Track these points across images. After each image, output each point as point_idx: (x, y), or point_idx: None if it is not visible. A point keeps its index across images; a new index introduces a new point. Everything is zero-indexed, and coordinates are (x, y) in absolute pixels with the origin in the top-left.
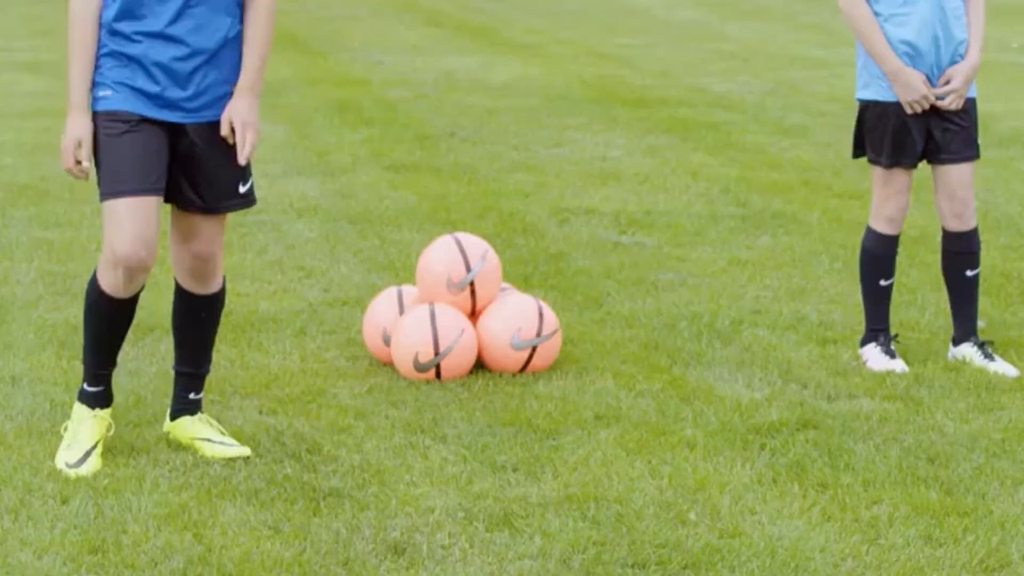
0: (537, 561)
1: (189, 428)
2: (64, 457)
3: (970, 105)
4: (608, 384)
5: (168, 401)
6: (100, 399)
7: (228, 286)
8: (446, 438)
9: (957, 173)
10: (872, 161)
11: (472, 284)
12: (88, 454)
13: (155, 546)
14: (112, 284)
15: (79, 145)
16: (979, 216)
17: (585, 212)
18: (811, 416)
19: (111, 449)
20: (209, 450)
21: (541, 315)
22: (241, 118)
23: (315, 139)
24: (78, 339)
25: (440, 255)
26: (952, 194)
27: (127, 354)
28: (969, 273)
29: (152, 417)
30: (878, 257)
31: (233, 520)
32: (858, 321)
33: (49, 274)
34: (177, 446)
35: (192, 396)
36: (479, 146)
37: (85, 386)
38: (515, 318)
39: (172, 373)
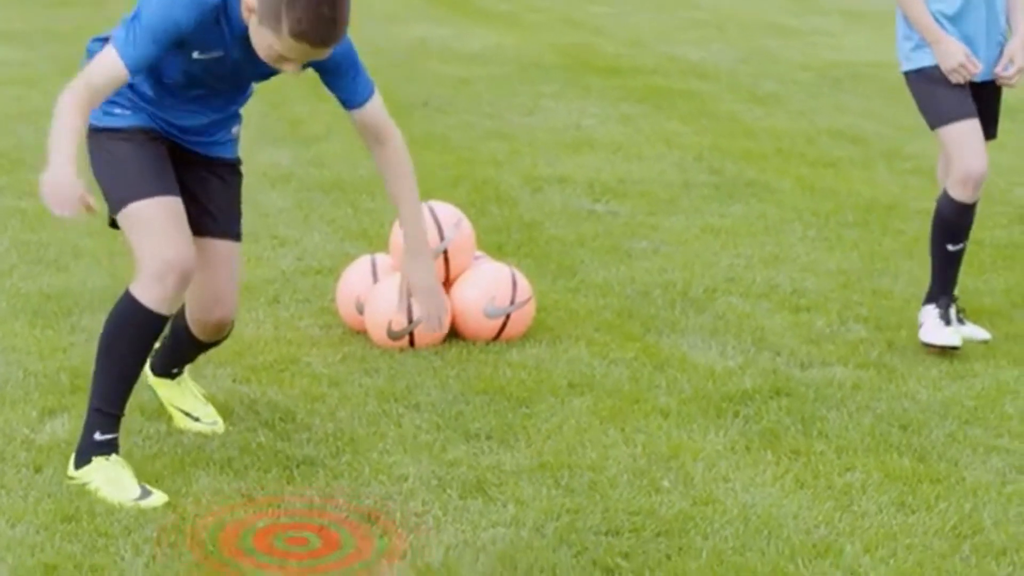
0: (510, 529)
1: (170, 392)
2: (128, 496)
3: (997, 90)
4: (581, 352)
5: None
6: (115, 444)
7: None
8: (419, 406)
9: None
10: (939, 124)
11: (445, 252)
12: (144, 488)
13: (128, 515)
14: (159, 297)
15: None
16: None
17: (559, 180)
18: (784, 384)
19: (83, 417)
20: (183, 423)
21: (514, 283)
22: (426, 283)
23: (288, 108)
24: (52, 307)
25: None
26: None
27: (101, 323)
28: (951, 247)
29: None
30: (951, 223)
31: (206, 489)
32: (830, 288)
33: (23, 243)
34: (151, 415)
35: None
36: (452, 115)
37: (97, 435)
38: (488, 286)
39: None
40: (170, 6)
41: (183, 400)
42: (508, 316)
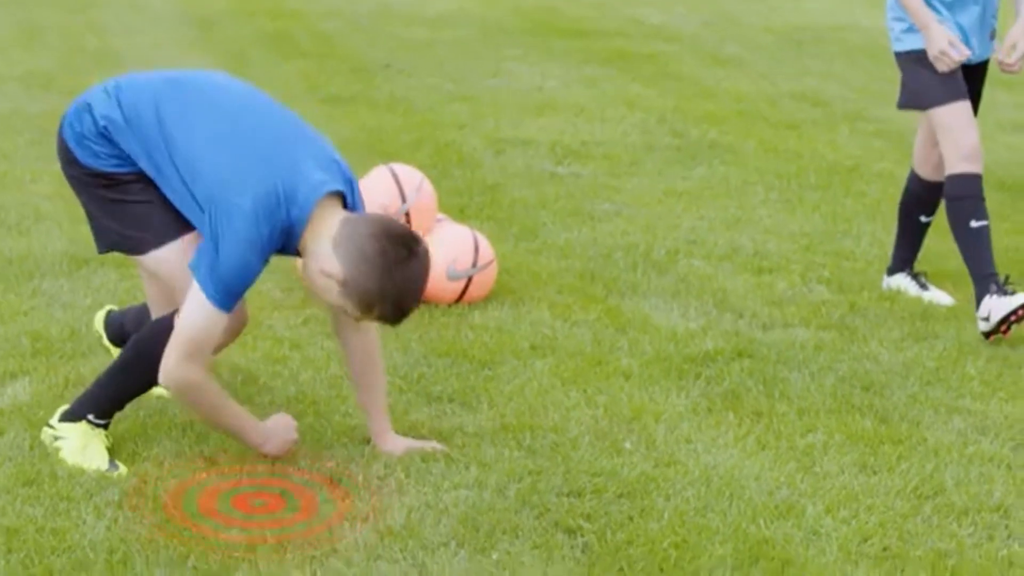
0: (473, 491)
1: None
2: (94, 465)
3: (986, 67)
4: (544, 314)
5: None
6: (107, 425)
7: None
8: None
9: None
10: (932, 105)
11: (407, 214)
12: (114, 463)
13: (90, 479)
14: None
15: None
16: (912, 145)
17: (521, 143)
18: (746, 345)
19: (44, 381)
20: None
21: (477, 246)
22: (406, 446)
23: (250, 72)
24: (12, 271)
25: (375, 186)
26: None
27: (62, 287)
28: (924, 219)
29: (87, 349)
30: (967, 198)
31: (169, 452)
32: (793, 250)
33: None
34: None
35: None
36: (415, 78)
37: (92, 417)
38: (450, 248)
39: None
40: (246, 255)
41: (92, 446)
42: (470, 279)
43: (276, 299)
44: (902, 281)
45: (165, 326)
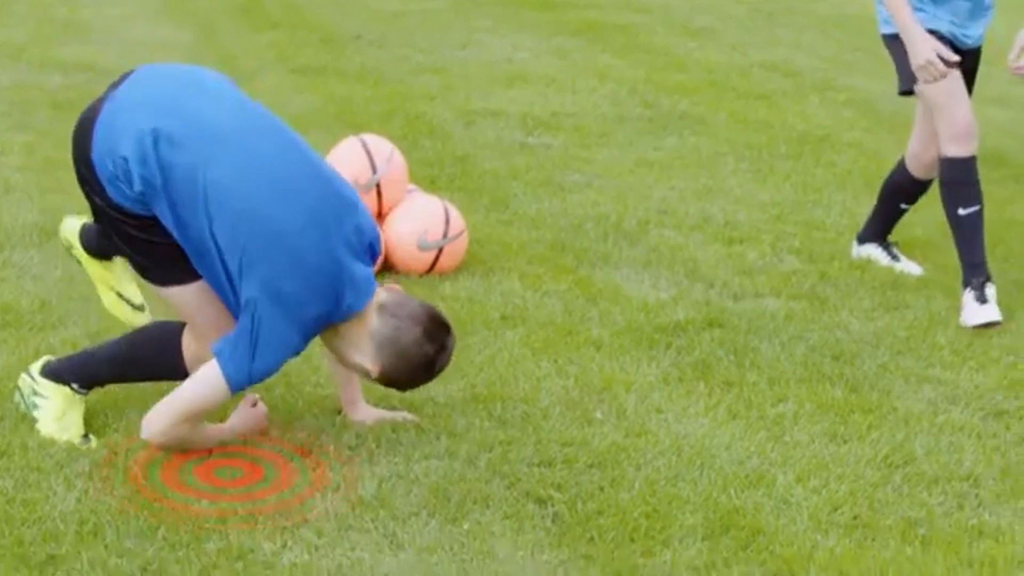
0: (443, 461)
1: (103, 272)
2: (67, 437)
3: (980, 54)
4: (515, 285)
5: (73, 305)
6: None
7: None
8: None
9: None
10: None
11: (378, 185)
12: (88, 437)
13: (61, 449)
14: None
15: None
16: (889, 116)
17: (492, 114)
18: (717, 315)
19: (14, 353)
20: (115, 307)
21: (447, 216)
22: (377, 416)
23: (221, 43)
24: None
25: (346, 156)
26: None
27: (32, 258)
28: (903, 206)
29: (56, 320)
30: (956, 183)
31: (138, 423)
32: (763, 220)
33: None
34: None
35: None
36: (385, 48)
37: (76, 385)
38: (421, 219)
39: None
40: (282, 357)
41: (118, 281)
42: (441, 249)
43: None
44: (873, 251)
45: (172, 332)
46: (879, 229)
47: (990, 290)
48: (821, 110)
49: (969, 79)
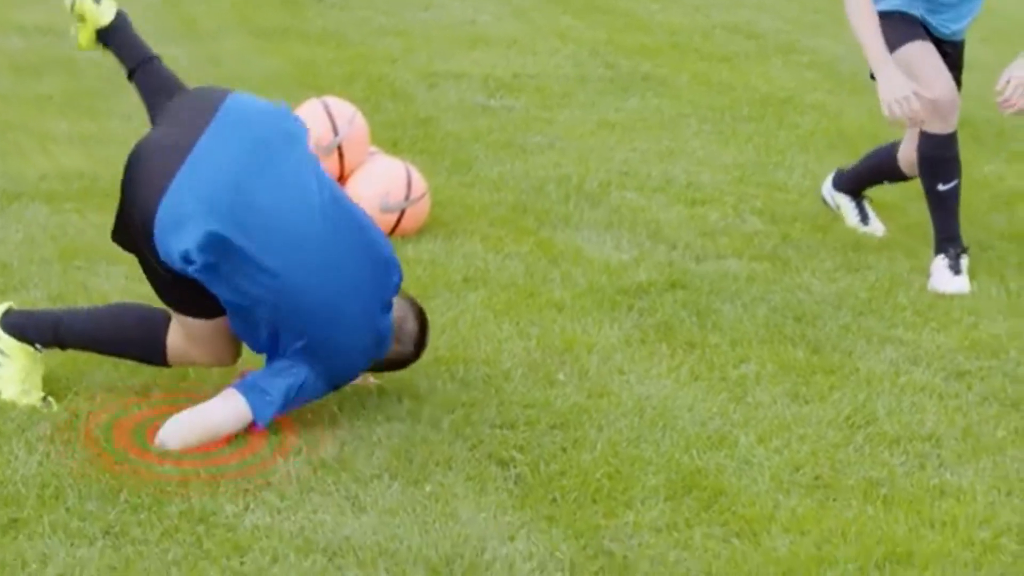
0: (406, 423)
1: (26, 363)
2: (28, 400)
3: (962, 48)
4: (477, 247)
5: (34, 268)
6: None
7: (94, 151)
8: None
9: None
10: (892, 49)
11: (340, 148)
12: (48, 399)
13: (21, 413)
14: (183, 363)
15: None
16: (851, 77)
17: (454, 76)
18: (679, 276)
19: None
20: (21, 397)
21: (409, 178)
22: None
23: (182, 5)
24: None
25: (308, 119)
26: None
27: None
28: (886, 183)
29: (18, 283)
30: (933, 159)
31: (101, 386)
32: (726, 182)
33: None
34: None
35: None
36: (347, 11)
37: (39, 346)
38: (383, 181)
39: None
40: (319, 392)
41: (33, 375)
42: (403, 211)
43: None
44: (844, 203)
45: (160, 321)
46: (856, 187)
47: (964, 261)
48: (784, 72)
49: (955, 73)
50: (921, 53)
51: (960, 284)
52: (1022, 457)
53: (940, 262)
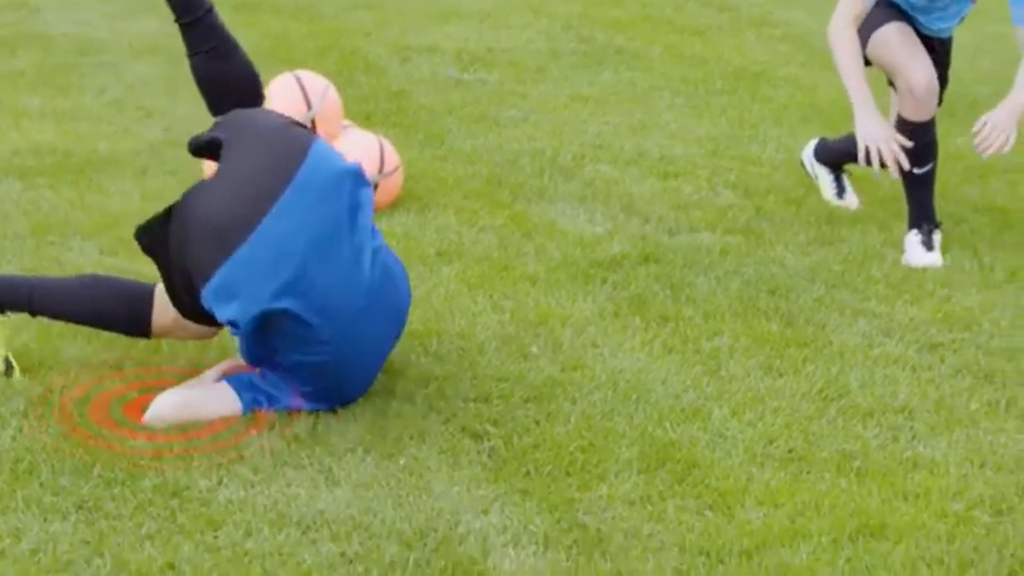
0: (380, 397)
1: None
2: None
3: (949, 45)
4: (450, 220)
5: (7, 243)
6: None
7: (67, 127)
8: None
9: None
10: (869, 34)
11: (312, 121)
12: (9, 362)
13: None
14: (164, 337)
15: None
16: (825, 51)
17: (427, 50)
18: (653, 250)
19: None
20: None
21: (382, 152)
22: None
23: None
24: None
25: (280, 93)
26: None
27: None
28: (917, 171)
29: None
30: (912, 146)
31: (74, 360)
32: (699, 155)
33: None
34: None
35: None
36: None
37: (9, 312)
38: (356, 155)
39: None
40: None
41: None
42: (376, 185)
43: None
44: (823, 174)
45: (144, 295)
46: (837, 160)
47: (937, 237)
48: (757, 45)
49: (941, 71)
50: (899, 35)
51: (932, 259)
52: (995, 429)
53: (913, 237)
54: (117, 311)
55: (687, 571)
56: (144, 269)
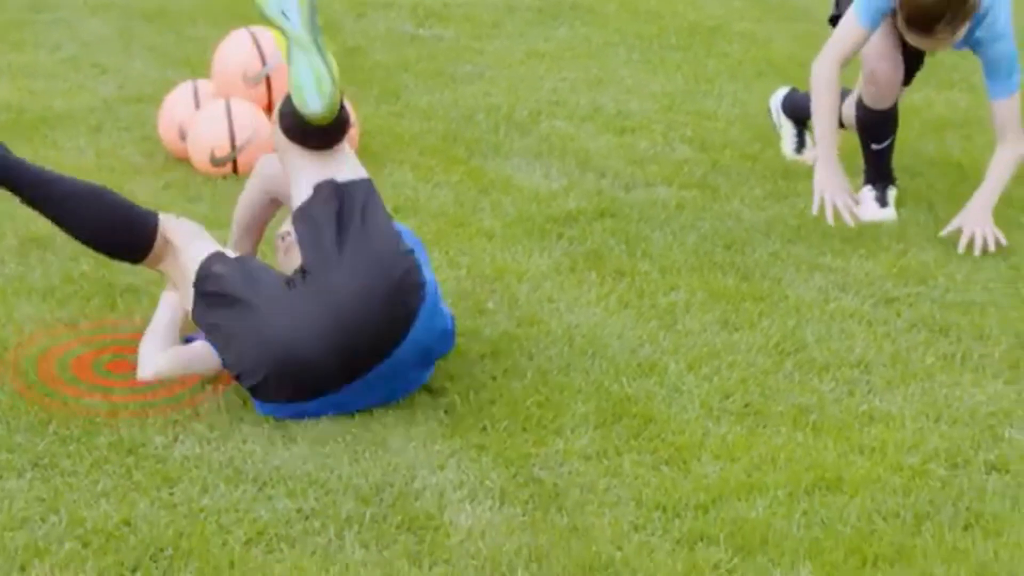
0: None
1: None
2: None
3: None
4: (407, 176)
5: None
6: None
7: (22, 83)
8: None
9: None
10: (842, 9)
11: (268, 78)
12: None
13: None
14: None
15: None
16: (780, 5)
17: (383, 6)
18: (609, 205)
19: None
20: None
21: None
22: None
23: None
24: None
25: (236, 49)
26: None
27: None
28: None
29: None
30: (868, 125)
31: (29, 317)
32: (655, 110)
33: None
34: None
35: None
36: None
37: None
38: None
39: None
40: None
41: None
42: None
43: (136, 164)
44: (787, 125)
45: (149, 225)
46: (804, 116)
47: (892, 193)
48: (712, 0)
49: (916, 63)
50: (883, 34)
51: (886, 214)
52: (950, 383)
53: (868, 192)
54: (120, 233)
55: (643, 525)
56: None
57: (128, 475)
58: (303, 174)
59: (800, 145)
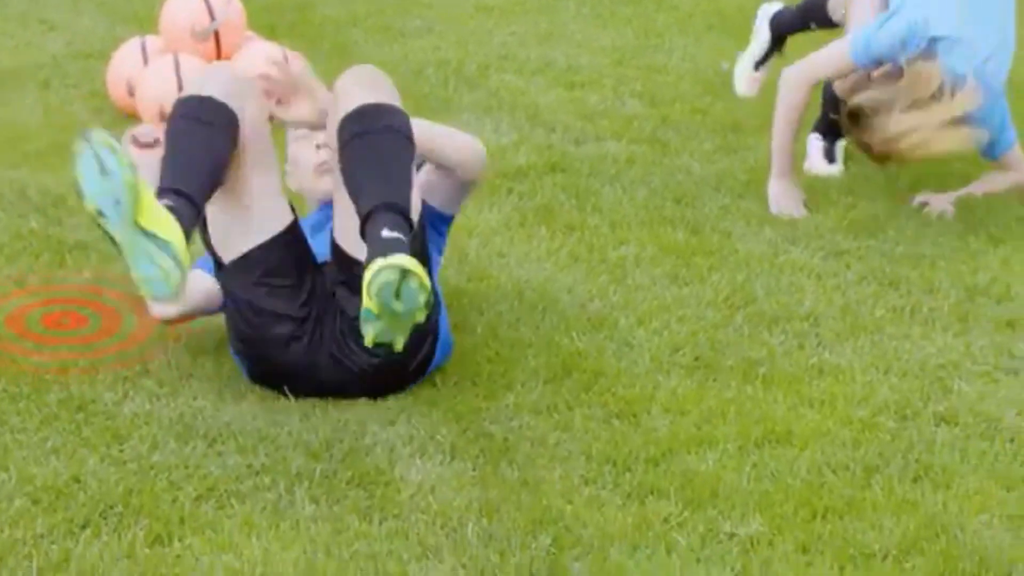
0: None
1: None
2: None
3: None
4: None
5: None
6: None
7: None
8: None
9: None
10: None
11: (216, 33)
12: None
13: None
14: None
15: None
16: None
17: None
18: (559, 159)
19: None
20: None
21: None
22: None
23: None
24: None
25: (183, 4)
26: None
27: None
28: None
29: None
30: (835, 99)
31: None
32: (605, 65)
33: None
34: None
35: None
36: None
37: None
38: (260, 67)
39: None
40: None
41: None
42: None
43: (84, 121)
44: (761, 38)
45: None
46: (786, 31)
47: (840, 146)
48: None
49: None
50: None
51: (833, 169)
52: (900, 335)
53: (816, 142)
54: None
55: (594, 479)
56: (47, 182)
57: (78, 432)
58: None
59: (762, 63)
